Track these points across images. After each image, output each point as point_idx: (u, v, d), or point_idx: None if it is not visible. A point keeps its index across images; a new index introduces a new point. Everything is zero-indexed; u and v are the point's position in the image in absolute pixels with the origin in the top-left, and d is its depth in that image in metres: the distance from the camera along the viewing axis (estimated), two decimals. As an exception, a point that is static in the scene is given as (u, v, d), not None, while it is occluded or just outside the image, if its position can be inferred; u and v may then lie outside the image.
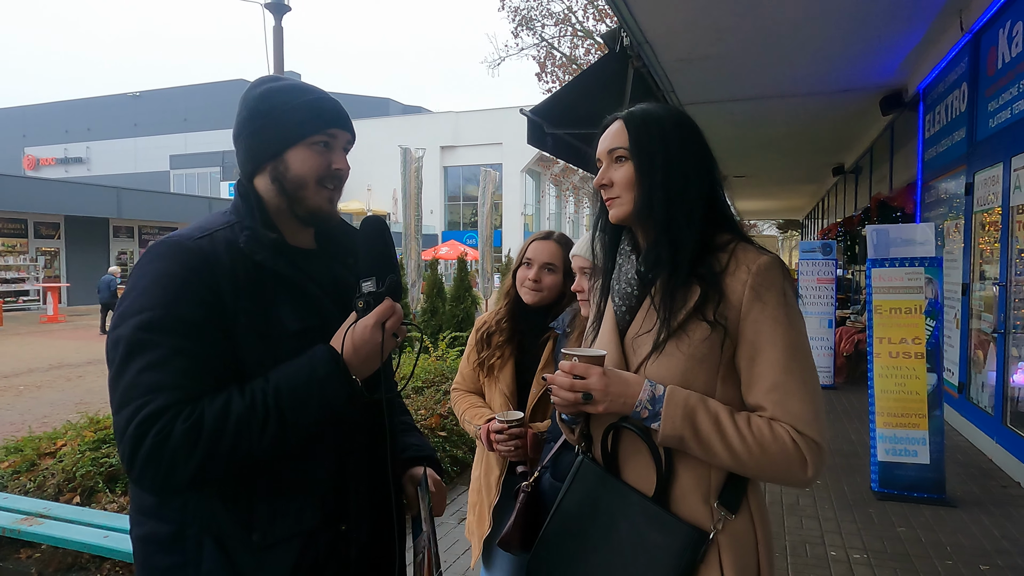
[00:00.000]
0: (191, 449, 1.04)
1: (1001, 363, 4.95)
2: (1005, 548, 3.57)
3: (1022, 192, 4.60)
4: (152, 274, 1.11)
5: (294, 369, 1.13)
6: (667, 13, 5.35)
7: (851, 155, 12.04)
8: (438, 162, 38.29)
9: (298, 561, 1.15)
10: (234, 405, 1.08)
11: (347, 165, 1.28)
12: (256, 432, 1.08)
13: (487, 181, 12.18)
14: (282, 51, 8.13)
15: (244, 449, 1.07)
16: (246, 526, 1.13)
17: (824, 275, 8.20)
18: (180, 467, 1.04)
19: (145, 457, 1.03)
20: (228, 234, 1.18)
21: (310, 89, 1.27)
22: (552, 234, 2.13)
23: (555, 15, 20.41)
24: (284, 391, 1.10)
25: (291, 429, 1.11)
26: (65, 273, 23.28)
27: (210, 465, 1.06)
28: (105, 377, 5.17)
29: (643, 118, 1.27)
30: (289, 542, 1.15)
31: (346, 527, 1.21)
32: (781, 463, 1.11)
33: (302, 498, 1.17)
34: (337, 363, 1.14)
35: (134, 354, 1.07)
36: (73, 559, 3.24)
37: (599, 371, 1.17)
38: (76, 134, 44.08)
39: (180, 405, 1.05)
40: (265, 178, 1.24)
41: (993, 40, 5.15)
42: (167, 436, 1.03)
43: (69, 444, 3.94)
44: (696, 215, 1.22)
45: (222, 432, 1.05)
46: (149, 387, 1.05)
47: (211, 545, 1.12)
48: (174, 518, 1.14)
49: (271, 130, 1.22)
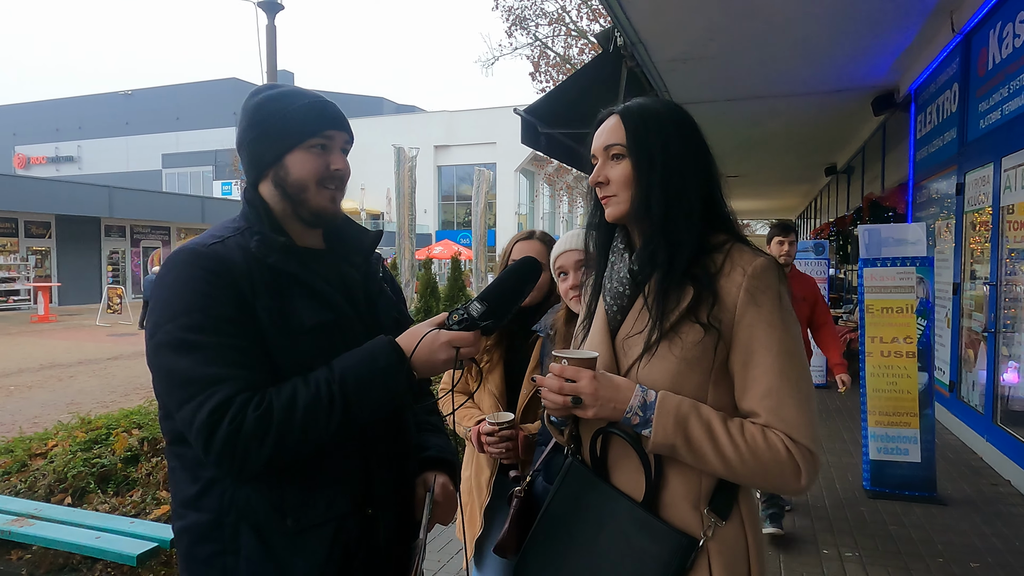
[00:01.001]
0: (263, 436, 1.09)
1: (991, 362, 4.98)
2: (995, 546, 3.59)
3: (1012, 192, 4.64)
4: (177, 282, 1.16)
5: (356, 359, 1.19)
6: (660, 13, 5.37)
7: (843, 155, 12.09)
8: (432, 161, 38.25)
9: (332, 544, 1.20)
10: (300, 394, 1.13)
11: (346, 165, 1.32)
12: (323, 419, 1.13)
13: (481, 180, 12.18)
14: (275, 50, 8.10)
15: (313, 435, 1.13)
16: (280, 512, 1.18)
17: (816, 275, 8.23)
18: (254, 453, 1.10)
19: (222, 445, 1.09)
20: (239, 239, 1.23)
21: (305, 94, 1.30)
22: (534, 233, 2.11)
23: (549, 15, 20.44)
24: (348, 380, 1.16)
25: (355, 416, 1.16)
26: (56, 272, 23.13)
27: (282, 451, 1.11)
28: (97, 377, 5.18)
29: (641, 114, 1.23)
30: (322, 527, 1.20)
31: (373, 511, 1.27)
32: (774, 471, 1.09)
33: (333, 484, 1.22)
34: (399, 356, 1.19)
35: (183, 355, 1.12)
36: (64, 560, 3.23)
37: (590, 375, 1.14)
38: (67, 132, 43.80)
39: (247, 393, 1.11)
40: (268, 184, 1.29)
41: (984, 41, 5.18)
42: (240, 424, 1.09)
43: (60, 445, 3.92)
44: (694, 215, 1.19)
45: (291, 419, 1.11)
46: (210, 380, 1.10)
47: (248, 532, 1.18)
48: (212, 507, 1.19)
49: (269, 137, 1.26)
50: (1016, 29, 4.57)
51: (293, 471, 1.18)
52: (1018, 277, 4.63)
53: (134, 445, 3.86)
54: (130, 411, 4.34)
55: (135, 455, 3.82)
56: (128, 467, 3.74)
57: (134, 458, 3.81)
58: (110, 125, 42.79)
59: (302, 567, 1.18)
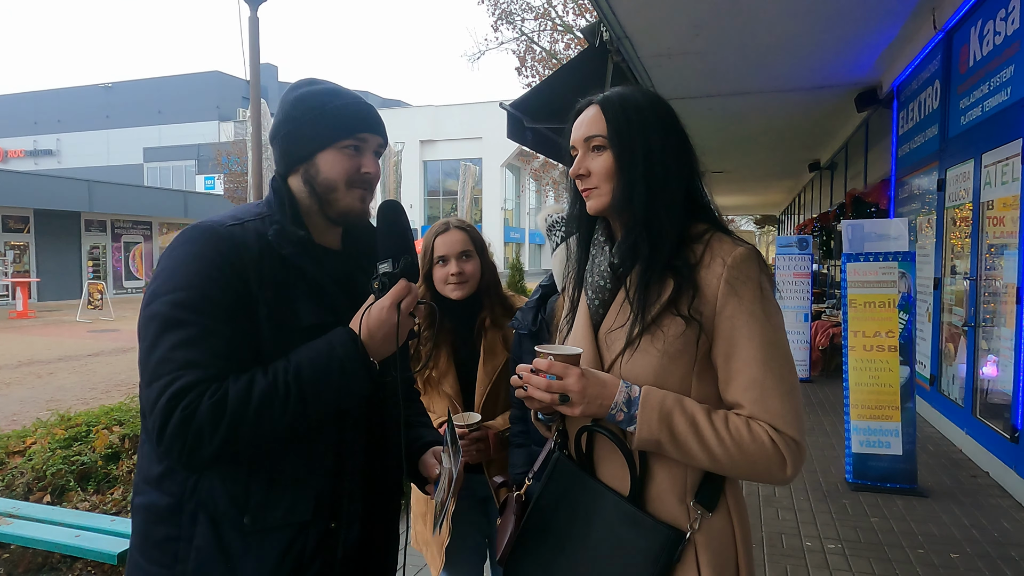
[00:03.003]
0: (216, 425, 1.07)
1: (971, 356, 5.05)
2: (975, 537, 3.65)
3: (992, 188, 4.69)
4: (185, 256, 1.15)
5: (314, 350, 1.16)
6: (646, 8, 5.37)
7: (827, 151, 12.19)
8: (418, 156, 38.12)
9: (285, 551, 1.17)
10: (257, 384, 1.11)
11: (376, 168, 1.31)
12: (278, 410, 1.11)
13: (467, 175, 12.16)
14: (258, 42, 8.00)
15: (267, 427, 1.11)
16: (240, 508, 1.15)
17: (800, 270, 8.30)
18: (205, 442, 1.07)
19: (173, 431, 1.07)
20: (259, 225, 1.23)
21: (344, 94, 1.30)
22: (449, 223, 2.04)
23: (535, 9, 20.40)
24: (305, 370, 1.13)
25: (311, 408, 1.14)
26: (35, 268, 22.76)
27: (234, 442, 1.09)
28: (77, 374, 5.11)
29: (621, 104, 1.21)
30: (279, 531, 1.17)
31: (336, 525, 1.22)
32: (760, 462, 1.09)
33: (297, 489, 1.19)
34: (355, 343, 1.17)
35: (167, 331, 1.11)
36: (44, 559, 3.18)
37: (577, 372, 1.12)
38: (46, 126, 43.10)
39: (209, 382, 1.09)
40: (298, 179, 1.29)
41: (965, 38, 5.24)
42: (194, 411, 1.07)
43: (39, 442, 3.86)
44: (676, 208, 1.18)
45: (245, 410, 1.09)
46: (181, 363, 1.09)
47: (204, 522, 1.15)
48: (174, 491, 1.17)
49: (303, 134, 1.26)
50: (996, 26, 4.62)
51: (260, 468, 1.16)
52: (997, 272, 4.69)
53: (115, 442, 3.81)
54: (111, 408, 4.28)
55: (116, 452, 3.77)
56: (109, 464, 3.69)
57: (115, 455, 3.76)
58: (90, 118, 42.15)
59: (251, 568, 1.15)
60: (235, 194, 26.73)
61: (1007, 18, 4.44)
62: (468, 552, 2.09)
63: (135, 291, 25.76)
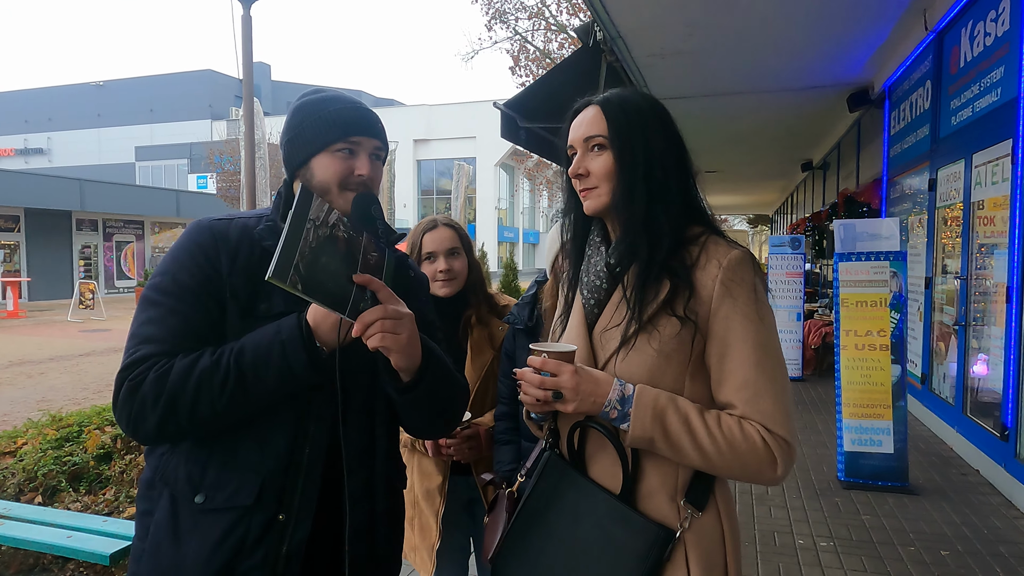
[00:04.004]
0: (157, 397, 1.12)
1: (962, 354, 5.09)
2: (965, 534, 3.68)
3: (982, 188, 4.73)
4: (176, 245, 1.26)
5: (261, 332, 1.19)
6: (640, 8, 5.38)
7: (819, 151, 12.25)
8: (411, 155, 38.06)
9: (226, 534, 1.18)
10: (201, 361, 1.15)
11: (371, 170, 1.32)
12: (217, 388, 1.13)
13: (460, 175, 12.14)
14: (251, 41, 7.96)
15: (205, 404, 1.13)
16: (195, 487, 1.19)
17: (793, 269, 8.34)
18: (148, 413, 1.13)
19: (121, 400, 1.14)
20: (250, 221, 1.30)
21: (341, 99, 1.33)
22: (437, 220, 2.05)
23: (529, 8, 20.36)
24: (247, 350, 1.16)
25: (251, 389, 1.15)
26: (26, 267, 22.60)
27: (173, 415, 1.13)
28: (69, 374, 5.11)
29: (622, 106, 1.22)
30: (223, 513, 1.18)
31: (284, 516, 1.20)
32: (751, 462, 1.10)
33: (245, 474, 1.20)
34: (300, 327, 1.17)
35: (142, 309, 1.21)
36: (35, 560, 3.17)
37: (571, 369, 1.13)
38: (37, 124, 42.79)
39: (159, 356, 1.15)
40: (299, 184, 1.32)
41: (956, 39, 5.27)
42: (140, 383, 1.13)
43: (30, 443, 3.84)
44: (674, 209, 1.19)
45: (184, 384, 1.13)
46: (143, 337, 1.18)
47: (167, 498, 1.21)
48: (153, 465, 1.25)
49: (301, 139, 1.31)
50: (987, 28, 4.65)
51: (218, 449, 1.20)
52: (988, 272, 4.72)
53: (107, 442, 3.80)
54: (103, 408, 4.25)
55: (108, 452, 3.76)
56: (101, 465, 3.68)
57: (107, 456, 3.74)
58: (81, 117, 41.88)
59: (193, 548, 1.17)
60: (228, 193, 26.58)
61: (997, 19, 4.48)
62: (455, 552, 2.10)
63: (127, 291, 25.61)
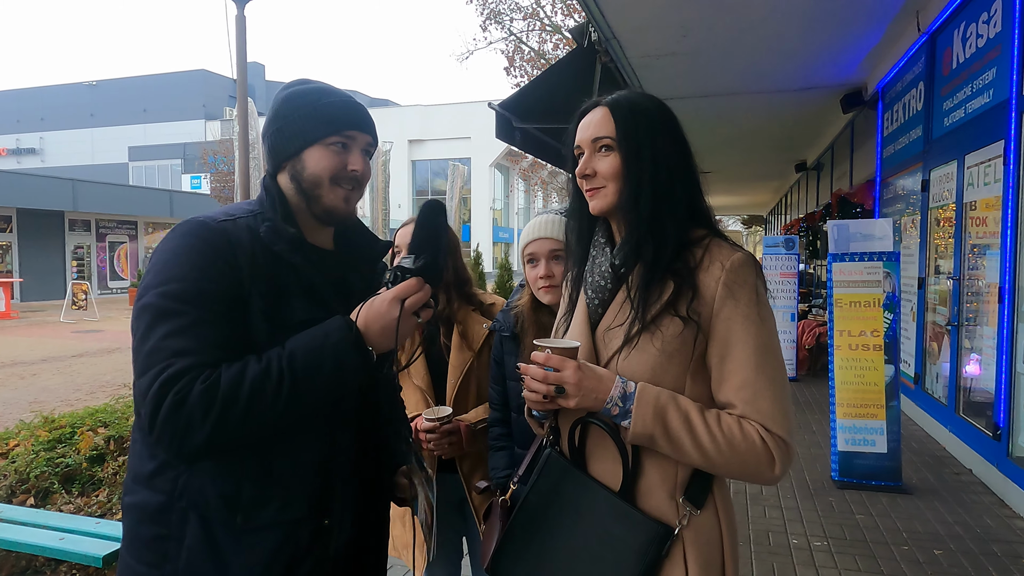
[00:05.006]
0: (206, 411, 1.05)
1: (954, 354, 5.11)
2: (957, 533, 3.69)
3: (975, 189, 4.75)
4: (177, 249, 1.16)
5: (308, 336, 1.15)
6: (634, 9, 5.39)
7: (813, 152, 12.29)
8: (406, 156, 38.00)
9: (278, 549, 1.16)
10: (250, 369, 1.10)
11: (364, 166, 1.31)
12: (270, 396, 1.09)
13: (455, 175, 12.12)
14: (245, 41, 7.94)
15: (258, 413, 1.09)
16: (232, 507, 1.14)
17: (787, 269, 8.37)
18: (196, 428, 1.05)
19: (164, 418, 1.05)
20: (250, 222, 1.23)
21: (333, 92, 1.31)
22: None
23: (523, 9, 20.37)
24: (298, 355, 1.12)
25: (304, 394, 1.12)
26: (17, 268, 22.48)
27: (225, 428, 1.07)
28: (61, 375, 5.05)
29: (630, 108, 1.24)
30: (271, 529, 1.16)
31: (329, 522, 1.22)
32: (750, 461, 1.12)
33: (289, 487, 1.18)
34: (349, 329, 1.15)
35: (160, 321, 1.10)
36: (27, 562, 3.14)
37: (574, 364, 1.15)
38: (29, 124, 42.54)
39: (201, 368, 1.08)
40: (285, 176, 1.29)
41: (948, 41, 5.30)
42: (185, 397, 1.05)
43: (22, 444, 3.81)
44: (680, 211, 1.21)
45: (236, 395, 1.07)
46: (173, 351, 1.08)
47: (195, 521, 1.14)
48: (165, 489, 1.16)
49: (291, 130, 1.27)
50: (979, 29, 4.68)
51: (251, 464, 1.15)
52: (980, 272, 4.75)
53: (100, 444, 3.77)
54: (95, 409, 4.23)
55: (101, 454, 3.73)
56: (94, 467, 3.65)
57: (100, 457, 3.72)
58: (74, 116, 41.65)
59: (241, 568, 1.14)
60: (222, 193, 26.49)
61: (989, 21, 4.50)
62: (446, 550, 2.14)
63: (120, 291, 25.50)
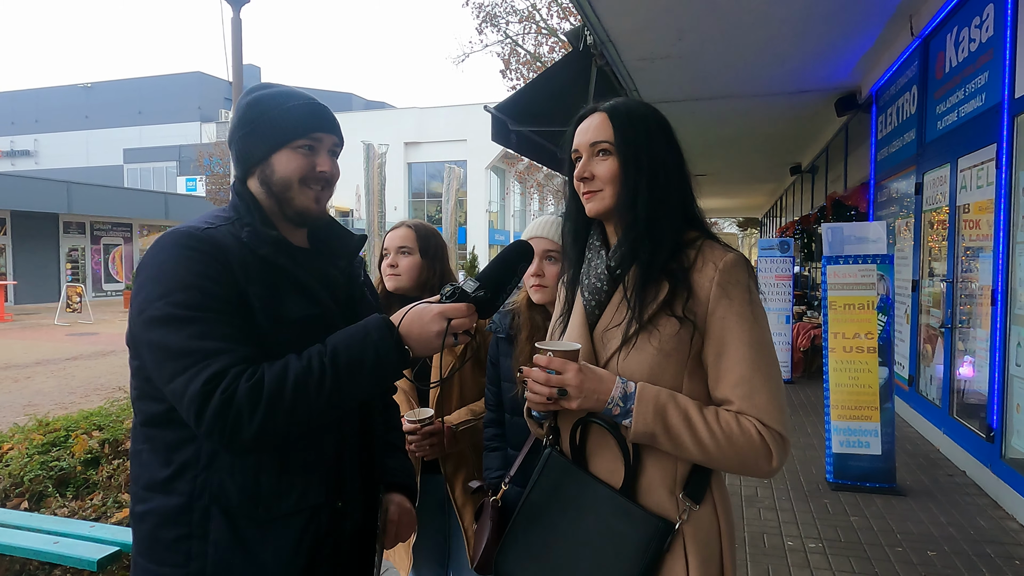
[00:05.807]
0: (254, 408, 1.09)
1: (948, 356, 5.14)
2: (951, 535, 3.71)
3: (968, 192, 4.78)
4: (171, 260, 1.16)
5: (348, 334, 1.19)
6: (629, 12, 5.41)
7: (808, 155, 12.34)
8: (402, 158, 37.95)
9: (302, 534, 1.22)
10: (291, 367, 1.13)
11: (332, 167, 1.34)
12: (313, 391, 1.12)
13: (451, 178, 12.13)
14: (240, 44, 7.95)
15: (302, 409, 1.12)
16: (253, 500, 1.19)
17: (782, 272, 8.39)
18: (245, 425, 1.09)
19: (213, 413, 1.08)
20: (231, 228, 1.24)
21: (297, 95, 1.32)
22: (404, 222, 2.16)
23: (519, 12, 20.44)
24: (340, 352, 1.16)
25: (346, 390, 1.16)
26: (11, 270, 22.38)
27: (272, 424, 1.10)
28: (55, 378, 5.01)
29: (628, 114, 1.28)
30: (294, 517, 1.22)
31: (342, 504, 1.29)
32: (748, 455, 1.15)
33: (308, 475, 1.23)
34: (390, 329, 1.18)
35: (178, 328, 1.11)
36: (21, 566, 3.13)
37: (575, 367, 1.18)
38: (23, 126, 42.43)
39: (241, 366, 1.11)
40: (255, 180, 1.31)
41: (941, 45, 5.33)
42: (232, 394, 1.08)
43: (16, 448, 3.80)
44: (676, 215, 1.25)
45: (282, 391, 1.10)
46: (206, 352, 1.10)
47: (219, 517, 1.18)
48: (184, 491, 1.19)
49: (258, 135, 1.29)
50: (972, 33, 4.71)
51: (268, 459, 1.20)
52: (973, 274, 4.77)
53: (94, 447, 3.76)
54: (90, 412, 4.22)
55: (95, 457, 3.72)
56: (88, 470, 3.64)
57: (94, 460, 3.71)
58: (69, 118, 41.53)
59: (270, 556, 1.20)
60: (217, 196, 26.46)
61: (982, 25, 4.53)
62: (431, 551, 2.15)
63: (115, 294, 25.41)
